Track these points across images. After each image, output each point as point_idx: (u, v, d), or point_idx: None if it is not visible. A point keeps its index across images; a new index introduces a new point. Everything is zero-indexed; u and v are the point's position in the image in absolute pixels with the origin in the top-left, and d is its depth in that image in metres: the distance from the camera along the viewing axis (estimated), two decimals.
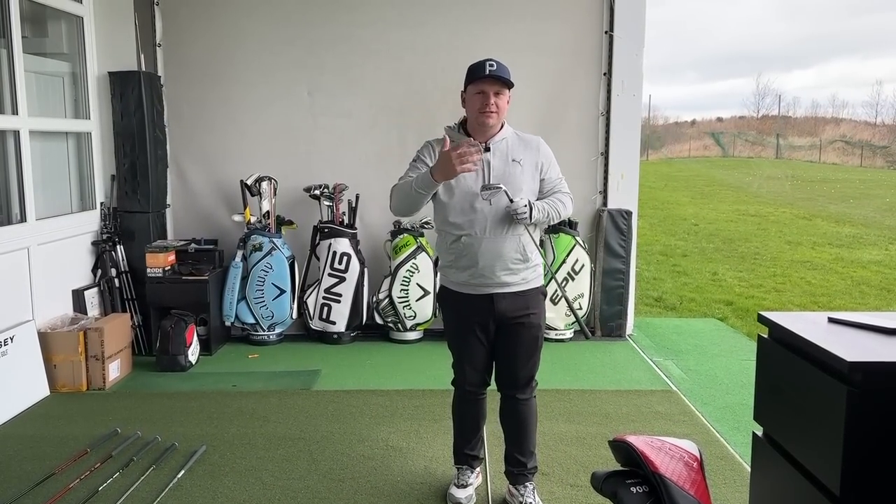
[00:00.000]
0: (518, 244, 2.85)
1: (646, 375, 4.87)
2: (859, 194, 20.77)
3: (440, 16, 5.70)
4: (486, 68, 2.76)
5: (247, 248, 5.50)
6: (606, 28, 5.71)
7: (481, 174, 2.83)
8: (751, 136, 56.27)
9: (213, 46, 5.72)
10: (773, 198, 19.80)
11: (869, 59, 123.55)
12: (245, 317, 5.51)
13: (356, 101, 5.76)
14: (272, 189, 5.56)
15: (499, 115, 2.82)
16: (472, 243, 2.83)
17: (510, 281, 2.88)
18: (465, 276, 2.89)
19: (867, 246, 11.11)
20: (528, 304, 2.94)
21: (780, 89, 76.44)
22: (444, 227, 2.95)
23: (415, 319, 5.57)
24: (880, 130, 51.00)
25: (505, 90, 2.81)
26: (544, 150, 2.96)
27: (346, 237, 5.55)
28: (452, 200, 2.85)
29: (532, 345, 2.98)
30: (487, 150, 2.83)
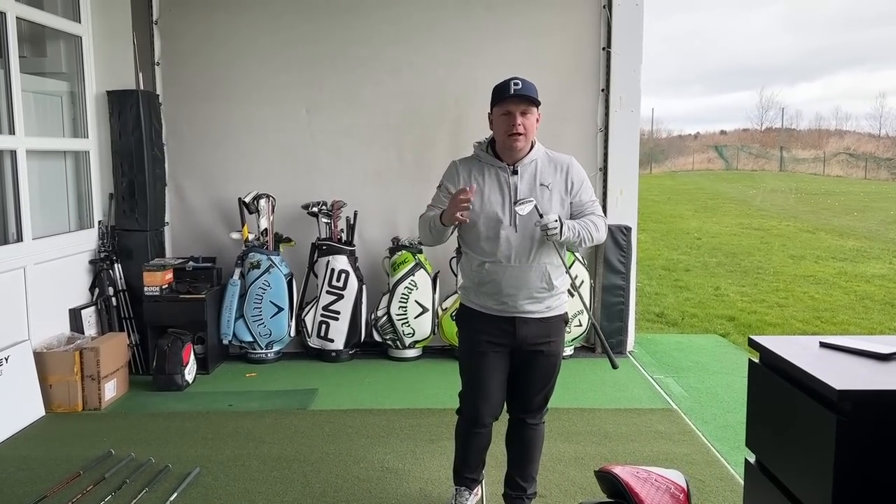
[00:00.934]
0: (543, 272, 2.75)
1: (646, 393, 4.82)
2: (863, 207, 20.70)
3: (437, 33, 5.71)
4: (511, 87, 2.67)
5: (245, 265, 5.49)
6: (604, 44, 5.71)
7: (507, 199, 2.75)
8: (754, 149, 56.25)
9: (211, 65, 5.73)
10: (777, 211, 19.75)
11: (875, 72, 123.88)
12: (243, 335, 5.49)
13: (354, 118, 5.76)
14: (270, 206, 5.55)
15: (527, 137, 2.72)
16: (495, 271, 2.74)
17: (533, 309, 2.78)
18: (489, 301, 2.80)
19: (871, 259, 11.05)
20: (550, 331, 2.84)
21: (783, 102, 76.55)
22: (468, 251, 2.89)
23: (413, 337, 5.53)
24: (884, 142, 50.93)
25: (532, 108, 2.71)
26: (576, 170, 2.84)
27: (345, 254, 5.53)
28: (477, 226, 2.76)
29: (549, 372, 2.90)
30: (515, 174, 2.75)
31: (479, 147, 2.91)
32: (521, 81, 2.70)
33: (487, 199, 2.75)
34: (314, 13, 5.67)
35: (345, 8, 5.67)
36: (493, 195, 2.76)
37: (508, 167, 2.76)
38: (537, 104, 2.74)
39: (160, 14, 5.71)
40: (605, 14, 5.68)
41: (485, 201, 2.75)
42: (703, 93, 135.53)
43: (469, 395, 2.91)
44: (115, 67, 5.44)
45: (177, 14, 5.72)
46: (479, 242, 2.79)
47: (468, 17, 5.70)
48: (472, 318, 2.89)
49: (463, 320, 2.97)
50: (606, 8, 5.66)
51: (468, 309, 2.92)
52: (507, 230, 2.72)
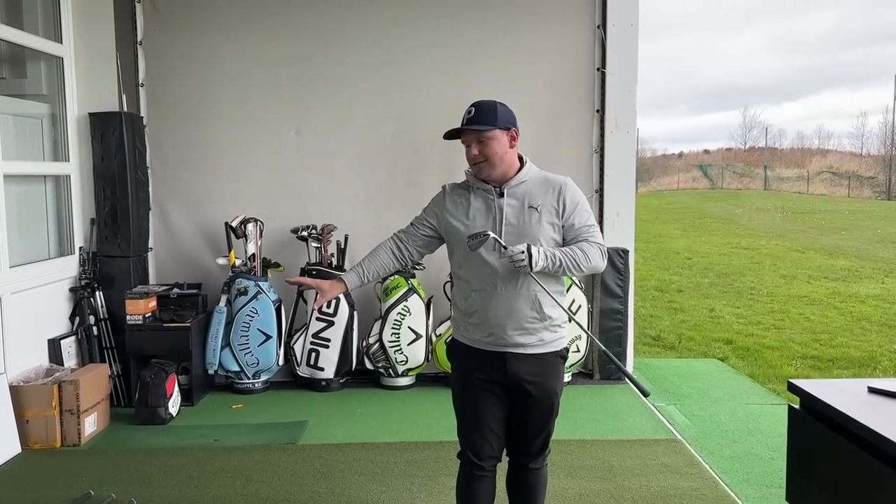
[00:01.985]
0: (533, 300, 2.54)
1: (648, 423, 4.66)
2: (850, 225, 20.78)
3: (429, 54, 5.60)
4: (464, 118, 2.59)
5: (231, 292, 5.30)
6: (598, 65, 5.62)
7: (493, 224, 2.59)
8: (738, 168, 56.67)
9: (197, 86, 5.58)
10: (765, 230, 19.77)
11: (858, 91, 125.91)
12: (229, 364, 5.29)
13: (344, 140, 5.62)
14: (258, 231, 5.38)
15: (490, 162, 2.56)
16: (482, 299, 2.58)
17: (525, 342, 2.57)
18: (477, 332, 2.61)
19: (863, 279, 11.00)
20: (542, 369, 2.61)
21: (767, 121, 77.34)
22: (455, 278, 2.76)
23: (406, 364, 5.36)
24: (866, 161, 51.46)
25: (487, 134, 2.54)
26: (570, 192, 2.61)
27: None
28: (461, 250, 2.61)
29: (546, 413, 2.69)
30: (502, 196, 2.59)
31: (469, 172, 2.77)
32: (476, 108, 2.58)
33: (472, 222, 2.59)
34: (303, 34, 5.55)
35: (334, 29, 5.55)
36: (478, 219, 2.59)
37: (495, 189, 2.61)
38: (495, 126, 2.57)
39: (145, 34, 5.57)
40: (599, 34, 5.60)
41: (470, 225, 2.59)
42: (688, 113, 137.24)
43: (465, 434, 2.71)
44: (98, 89, 5.27)
45: (162, 34, 5.58)
46: (465, 269, 2.64)
47: (460, 39, 5.60)
48: (462, 354, 2.72)
49: (454, 356, 2.80)
50: (601, 28, 5.58)
51: (458, 344, 2.75)
52: (492, 255, 2.55)
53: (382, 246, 2.82)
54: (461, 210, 2.66)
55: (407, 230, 2.82)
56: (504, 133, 2.60)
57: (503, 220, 2.59)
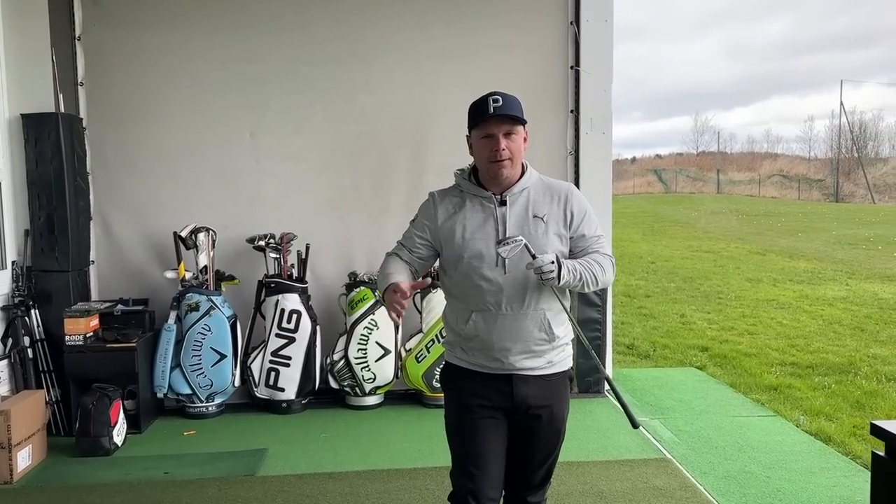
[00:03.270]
0: (542, 320, 2.29)
1: (634, 440, 4.39)
2: (805, 228, 21.05)
3: (394, 51, 5.27)
4: (490, 105, 2.25)
5: (181, 308, 4.88)
6: (572, 63, 5.36)
7: (495, 235, 2.30)
8: (692, 172, 57.58)
9: (143, 85, 5.15)
10: (723, 233, 19.89)
11: (806, 97, 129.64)
12: (180, 387, 4.86)
13: (304, 142, 5.25)
14: (210, 241, 4.97)
15: (514, 162, 2.30)
16: (484, 321, 2.29)
17: (532, 365, 2.33)
18: (478, 357, 2.34)
19: (827, 281, 11.00)
20: (553, 391, 2.37)
21: (718, 126, 78.92)
22: (450, 298, 2.43)
23: (374, 382, 5.00)
24: (814, 164, 52.76)
25: (518, 128, 2.30)
26: (576, 200, 2.39)
27: (296, 292, 4.98)
28: (460, 269, 2.31)
29: (553, 441, 2.41)
30: (504, 204, 2.32)
31: (460, 175, 2.46)
32: (502, 97, 2.29)
33: (471, 235, 2.30)
34: (256, 29, 5.17)
35: (291, 23, 5.18)
36: (477, 231, 2.30)
37: (495, 197, 2.33)
38: (523, 122, 2.32)
39: (84, 29, 5.12)
40: (572, 31, 5.33)
41: (468, 238, 2.30)
42: (642, 119, 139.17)
43: (462, 473, 2.34)
44: (32, 88, 4.80)
45: (103, 29, 5.13)
46: (463, 288, 2.33)
47: (426, 33, 5.28)
48: (460, 379, 2.39)
49: (450, 382, 2.47)
50: (574, 24, 5.32)
51: (455, 368, 2.42)
52: (495, 272, 2.26)
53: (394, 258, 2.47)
54: (456, 220, 2.35)
55: (401, 253, 2.46)
56: (524, 131, 2.34)
57: (506, 232, 2.28)
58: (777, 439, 4.41)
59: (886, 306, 8.82)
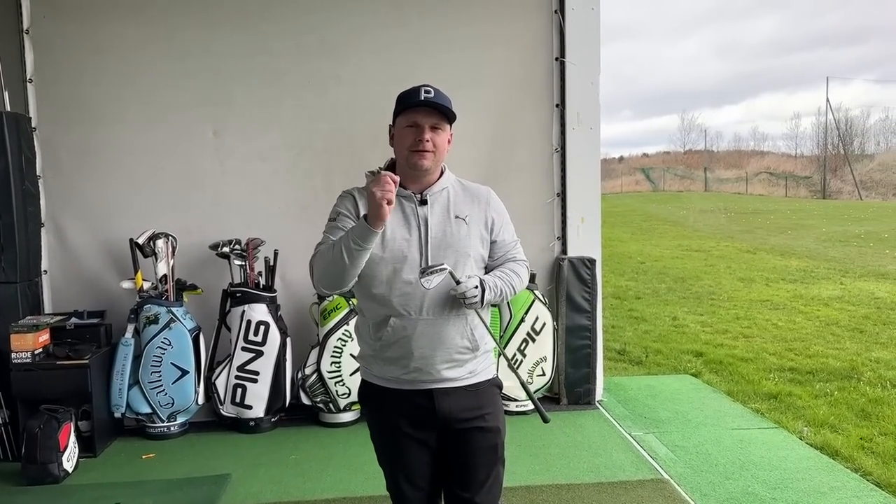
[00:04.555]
0: (465, 327, 2.18)
1: (627, 457, 4.08)
2: (794, 225, 20.88)
3: (368, 42, 4.93)
4: (421, 94, 2.13)
5: (139, 320, 4.53)
6: (557, 54, 5.05)
7: (417, 235, 2.15)
8: (679, 171, 57.61)
9: (96, 81, 4.79)
10: (712, 231, 19.69)
11: (794, 94, 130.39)
12: (138, 406, 4.51)
13: (272, 141, 4.91)
14: (170, 248, 4.62)
15: (436, 156, 2.17)
16: (403, 327, 2.13)
17: (454, 376, 2.19)
18: (395, 370, 2.18)
19: (820, 280, 10.75)
20: (481, 402, 2.22)
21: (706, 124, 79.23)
22: (366, 304, 2.22)
23: (349, 398, 4.66)
24: (801, 161, 52.91)
25: (444, 124, 2.17)
26: (496, 204, 2.31)
27: (263, 302, 4.64)
28: (378, 271, 2.14)
29: (490, 458, 2.22)
30: (424, 204, 2.19)
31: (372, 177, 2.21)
32: (434, 89, 2.17)
33: (392, 235, 2.15)
34: (219, 20, 4.82)
35: (256, 14, 4.84)
36: (397, 230, 2.16)
37: (415, 196, 2.19)
38: (452, 119, 2.17)
39: (32, 22, 4.76)
40: (557, 20, 5.02)
41: (388, 239, 2.14)
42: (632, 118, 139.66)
43: (395, 486, 2.27)
44: None
45: (53, 22, 4.77)
46: (381, 292, 2.14)
47: (401, 24, 4.96)
48: (378, 399, 2.25)
49: (368, 402, 2.31)
50: (558, 13, 5.01)
51: (371, 387, 2.26)
52: (416, 274, 2.11)
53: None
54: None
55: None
56: (449, 130, 2.21)
57: (428, 232, 2.15)
58: (781, 455, 4.10)
59: (884, 306, 8.56)
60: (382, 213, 1.96)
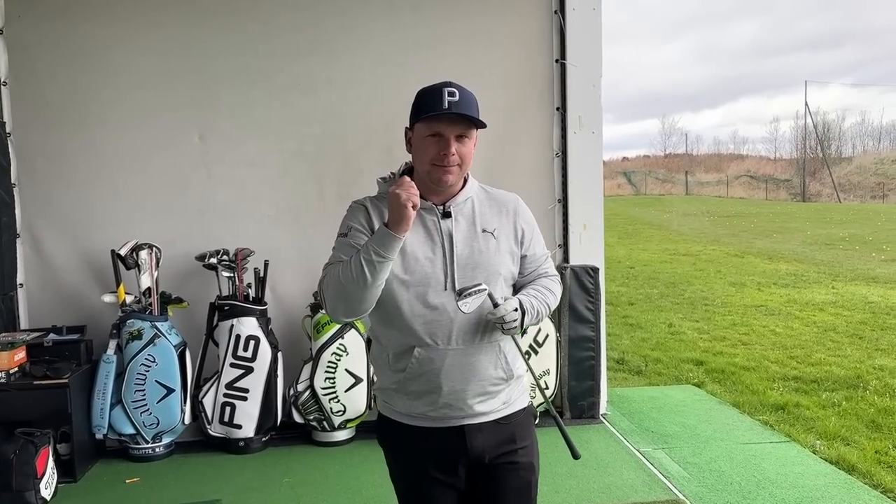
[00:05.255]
0: (498, 355, 1.95)
1: (638, 476, 3.90)
2: (779, 228, 20.92)
3: (361, 43, 4.73)
4: (445, 99, 1.86)
5: (122, 336, 4.28)
6: (557, 56, 4.88)
7: (441, 253, 1.91)
8: (660, 174, 57.87)
9: (75, 85, 4.54)
10: (697, 235, 19.67)
11: (773, 98, 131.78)
12: (122, 426, 4.26)
13: (261, 146, 4.68)
14: (154, 259, 4.37)
15: (461, 169, 1.92)
16: (430, 358, 1.89)
17: (487, 409, 1.97)
18: (421, 405, 1.94)
19: (811, 284, 10.68)
20: (516, 434, 2.01)
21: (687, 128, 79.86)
22: (384, 332, 1.98)
23: (344, 415, 4.44)
24: (780, 164, 53.38)
25: (471, 131, 1.92)
26: (525, 213, 2.08)
27: (253, 315, 4.41)
28: (401, 291, 1.91)
29: (523, 498, 2.03)
30: (447, 217, 1.94)
31: (385, 184, 2.03)
32: (459, 91, 1.90)
33: (413, 254, 1.89)
34: (202, 20, 4.59)
35: (242, 13, 4.62)
36: (419, 248, 1.90)
37: (437, 208, 1.95)
38: (480, 125, 1.91)
39: (6, 22, 4.50)
40: (557, 20, 4.85)
41: (408, 257, 1.89)
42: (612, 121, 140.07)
43: None
44: None
45: (29, 22, 4.52)
46: (403, 318, 1.90)
47: (395, 23, 4.76)
48: (401, 438, 2.00)
49: (389, 443, 2.06)
50: (559, 13, 4.83)
51: (393, 424, 2.01)
52: (444, 297, 1.88)
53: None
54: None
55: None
56: (476, 135, 1.96)
57: (453, 249, 1.91)
58: (797, 471, 3.94)
59: (879, 311, 8.48)
60: (408, 214, 1.76)
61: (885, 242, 16.04)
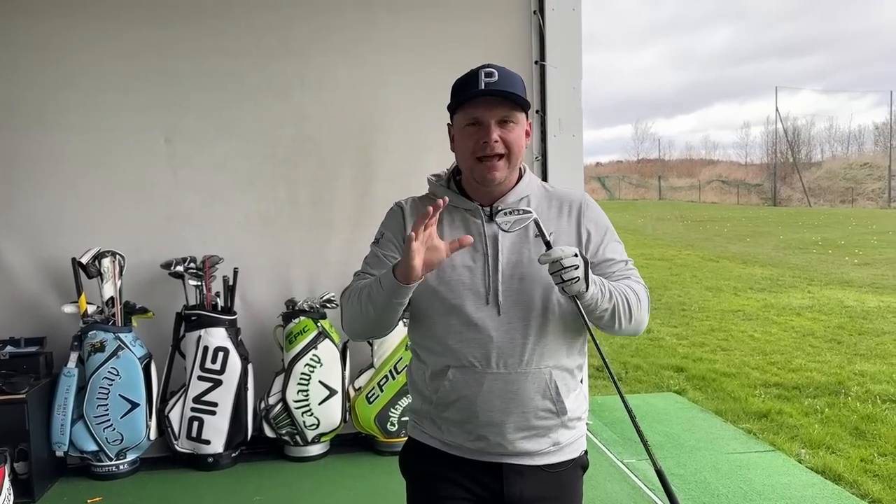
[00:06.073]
0: (547, 382, 1.67)
1: (622, 489, 3.79)
2: (752, 232, 21.11)
3: (334, 43, 4.58)
4: (481, 80, 1.64)
5: (84, 348, 4.08)
6: (536, 57, 4.76)
7: (483, 261, 1.68)
8: (633, 179, 58.33)
9: (32, 83, 4.32)
10: (672, 240, 19.77)
11: (746, 104, 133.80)
12: (83, 443, 4.05)
13: (230, 148, 4.50)
14: (117, 267, 4.17)
15: (510, 160, 1.67)
16: (465, 382, 1.66)
17: (532, 448, 1.70)
18: (458, 434, 1.71)
19: (787, 289, 10.72)
20: (563, 491, 1.75)
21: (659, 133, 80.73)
22: (420, 349, 1.77)
23: (318, 429, 4.28)
24: (751, 170, 54.10)
25: (517, 114, 1.67)
26: (593, 213, 1.78)
27: (222, 326, 4.22)
28: (436, 304, 1.68)
29: None
30: (494, 219, 1.69)
31: (436, 182, 1.81)
32: (498, 71, 1.66)
33: (451, 262, 1.65)
34: (171, 17, 4.40)
35: (212, 10, 4.44)
36: (457, 255, 1.65)
37: (483, 210, 1.71)
38: (526, 107, 1.67)
39: None
40: (536, 21, 4.74)
41: (447, 266, 1.65)
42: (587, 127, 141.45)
43: None
44: None
45: None
46: (437, 335, 1.68)
47: (371, 23, 4.60)
48: (429, 464, 1.75)
49: (414, 467, 1.82)
50: (538, 14, 4.72)
51: (422, 448, 1.77)
52: (483, 312, 1.64)
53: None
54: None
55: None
56: (525, 120, 1.70)
57: (498, 256, 1.66)
58: (783, 481, 3.86)
59: (855, 315, 8.50)
60: (414, 275, 1.53)
61: (857, 246, 16.23)
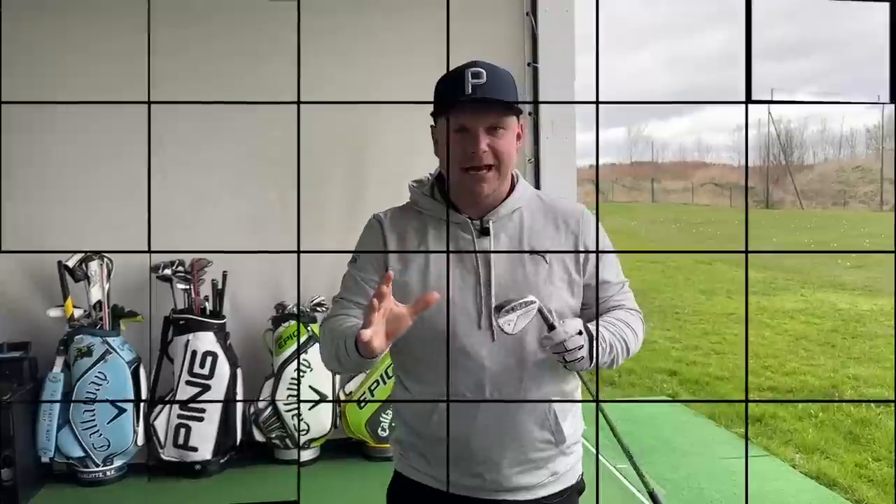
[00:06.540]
0: (546, 414, 1.57)
1: (617, 495, 3.76)
2: None
3: (326, 44, 4.54)
4: (468, 83, 1.54)
5: (70, 352, 4.02)
6: (529, 59, 4.73)
7: (474, 280, 1.56)
8: (627, 182, 58.43)
9: (22, 85, 4.27)
10: (665, 243, 19.77)
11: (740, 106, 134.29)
12: (70, 449, 3.99)
13: (220, 150, 4.46)
14: (104, 271, 4.13)
15: (500, 171, 1.55)
16: (457, 415, 1.55)
17: (531, 482, 1.60)
18: (450, 471, 1.57)
19: (781, 291, 10.73)
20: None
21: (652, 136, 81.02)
22: (405, 372, 1.65)
23: (308, 434, 4.23)
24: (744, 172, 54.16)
25: (507, 119, 1.56)
26: (589, 227, 1.64)
27: (210, 330, 4.18)
28: (421, 329, 1.50)
29: None
30: (486, 234, 1.58)
31: (418, 189, 1.67)
32: (487, 70, 1.58)
33: (437, 281, 1.54)
34: (159, 17, 4.33)
35: (201, 11, 4.40)
36: (444, 275, 1.54)
37: (472, 223, 1.58)
38: (518, 112, 1.58)
39: None
40: (528, 23, 4.70)
41: (431, 284, 1.54)
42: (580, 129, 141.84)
43: None
44: None
45: None
46: (421, 363, 1.58)
47: (362, 24, 4.58)
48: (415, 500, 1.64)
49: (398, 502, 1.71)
50: (530, 15, 4.69)
51: (410, 484, 1.65)
52: (475, 337, 1.53)
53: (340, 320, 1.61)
54: (413, 258, 1.57)
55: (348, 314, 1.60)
56: (517, 124, 1.59)
57: (490, 273, 1.53)
58: (778, 487, 3.84)
59: (849, 318, 8.51)
60: (376, 352, 1.38)
61: (851, 249, 16.25)
